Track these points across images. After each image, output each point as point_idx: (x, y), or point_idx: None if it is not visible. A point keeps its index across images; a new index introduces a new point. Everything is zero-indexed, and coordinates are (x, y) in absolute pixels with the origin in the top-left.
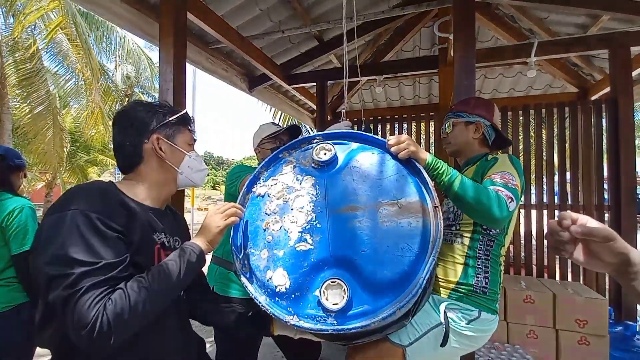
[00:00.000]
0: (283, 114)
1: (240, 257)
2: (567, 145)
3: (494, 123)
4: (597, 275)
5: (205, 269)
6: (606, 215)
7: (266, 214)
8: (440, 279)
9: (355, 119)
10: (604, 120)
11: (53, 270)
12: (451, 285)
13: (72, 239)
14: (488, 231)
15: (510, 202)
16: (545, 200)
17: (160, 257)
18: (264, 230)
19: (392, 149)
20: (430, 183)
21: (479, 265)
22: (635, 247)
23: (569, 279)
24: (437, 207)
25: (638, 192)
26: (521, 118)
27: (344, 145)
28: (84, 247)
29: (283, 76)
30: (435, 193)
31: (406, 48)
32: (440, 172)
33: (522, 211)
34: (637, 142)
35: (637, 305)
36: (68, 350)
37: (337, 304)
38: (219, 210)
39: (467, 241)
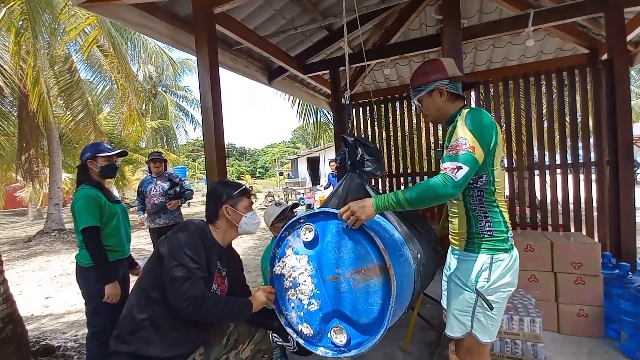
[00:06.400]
0: (300, 101)
1: (282, 318)
2: (566, 109)
3: (451, 76)
4: (598, 226)
5: None
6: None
7: (286, 288)
8: (455, 232)
9: (366, 100)
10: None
11: (181, 259)
12: (464, 236)
13: (193, 246)
14: (475, 184)
15: (457, 172)
16: (546, 161)
17: (216, 275)
18: (288, 300)
19: (347, 223)
20: (381, 245)
21: (478, 214)
22: (634, 199)
23: (572, 230)
24: (389, 266)
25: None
26: (521, 85)
27: (321, 221)
28: (196, 254)
29: (298, 66)
30: (386, 254)
31: (413, 27)
32: (390, 205)
33: (526, 172)
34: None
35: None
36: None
37: (342, 341)
38: (265, 289)
39: (461, 197)
